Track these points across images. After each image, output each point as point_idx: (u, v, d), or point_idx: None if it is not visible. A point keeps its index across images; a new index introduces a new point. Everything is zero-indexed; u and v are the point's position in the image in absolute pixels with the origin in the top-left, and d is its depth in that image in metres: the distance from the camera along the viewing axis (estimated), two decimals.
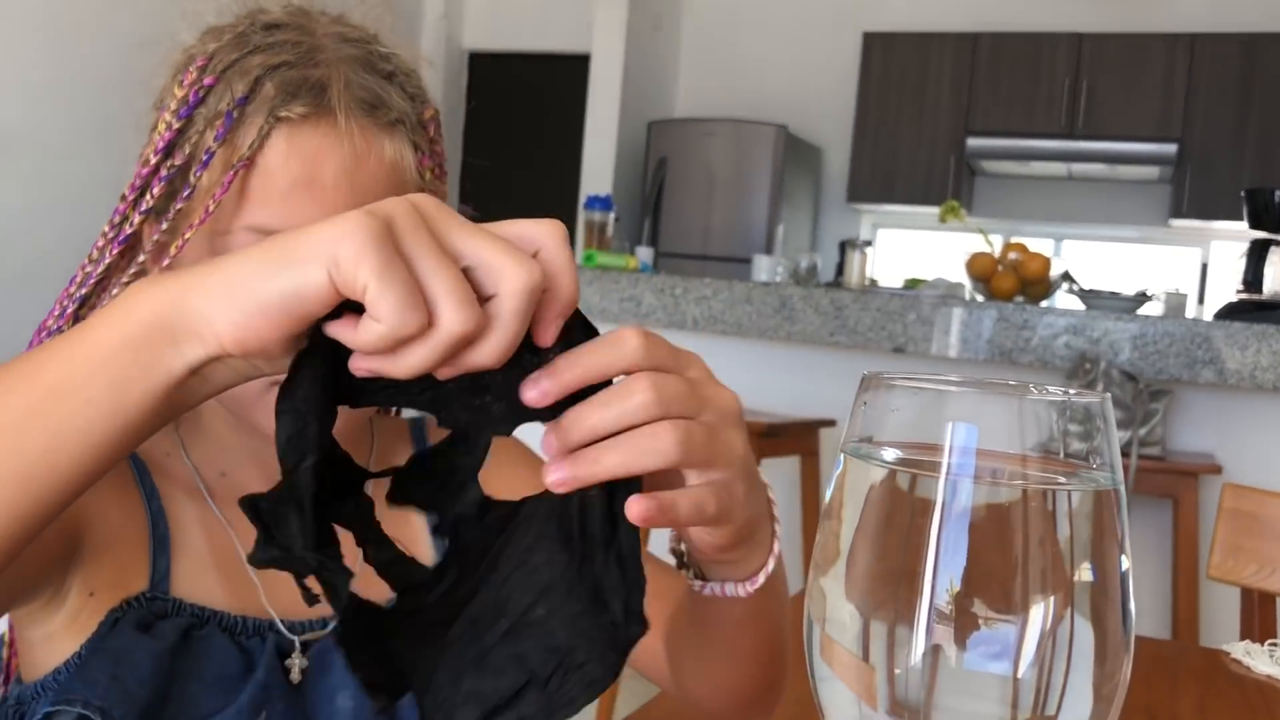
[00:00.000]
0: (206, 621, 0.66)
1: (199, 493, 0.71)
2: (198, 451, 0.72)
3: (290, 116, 0.64)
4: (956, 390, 0.35)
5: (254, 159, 0.64)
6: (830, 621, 0.34)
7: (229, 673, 0.65)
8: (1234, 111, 5.13)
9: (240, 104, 0.65)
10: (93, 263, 0.68)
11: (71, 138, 3.99)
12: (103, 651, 0.62)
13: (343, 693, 0.67)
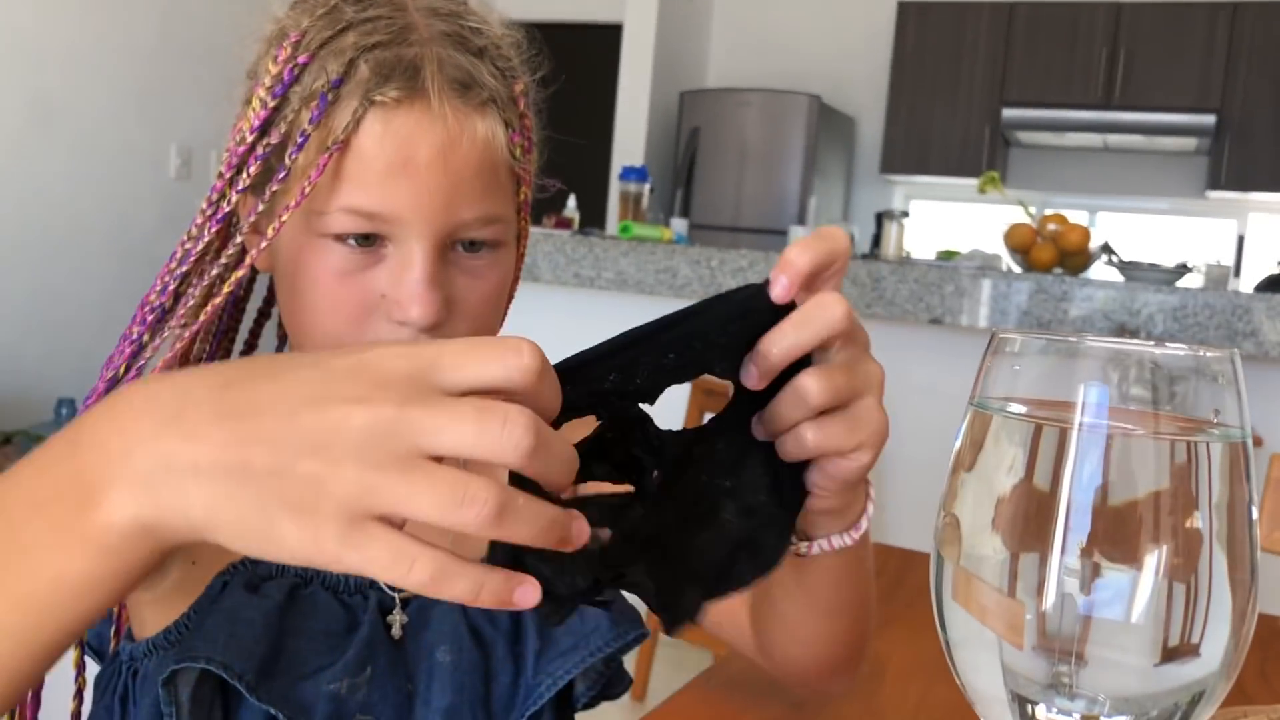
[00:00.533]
0: (310, 580, 0.68)
1: None
2: None
3: (384, 100, 0.64)
4: (1084, 344, 0.36)
5: (348, 141, 0.64)
6: (968, 557, 0.35)
7: (335, 629, 0.66)
8: (1275, 82, 5.06)
9: (335, 86, 0.65)
10: (191, 240, 0.69)
11: (110, 106, 4.02)
12: (217, 612, 0.64)
13: (441, 647, 0.69)
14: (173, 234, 2.83)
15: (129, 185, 4.09)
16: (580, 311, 3.11)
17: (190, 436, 0.36)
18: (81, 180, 3.93)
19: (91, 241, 3.98)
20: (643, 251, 2.93)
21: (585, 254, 2.99)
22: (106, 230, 4.02)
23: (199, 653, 0.62)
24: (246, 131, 0.67)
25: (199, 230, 0.68)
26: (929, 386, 2.94)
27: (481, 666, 0.70)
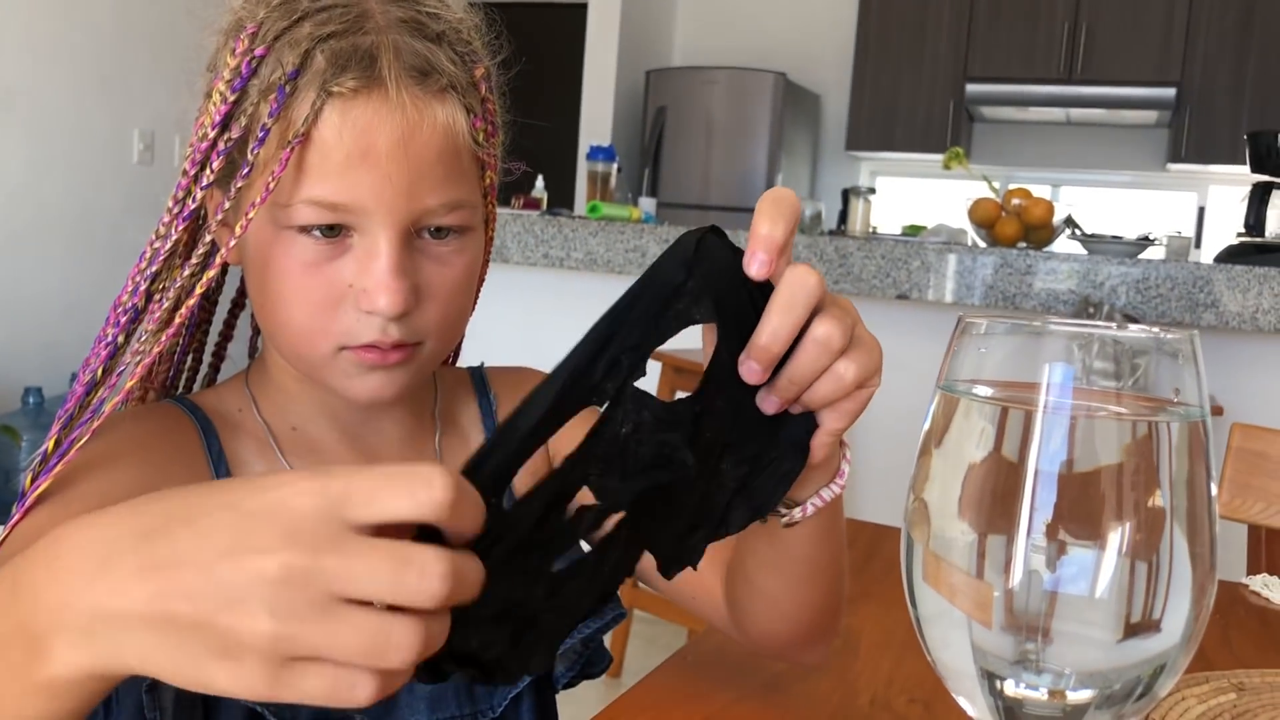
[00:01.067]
0: None
1: (270, 448, 0.72)
2: (269, 406, 0.74)
3: (342, 90, 0.64)
4: (1047, 328, 0.37)
5: (308, 134, 0.64)
6: (937, 540, 0.36)
7: None
8: (1233, 55, 5.11)
9: (292, 77, 0.65)
10: (160, 238, 0.68)
11: (71, 91, 3.96)
12: None
13: None
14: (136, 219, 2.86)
15: (91, 171, 4.04)
16: (550, 291, 3.10)
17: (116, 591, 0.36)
18: (43, 167, 3.88)
19: (54, 228, 3.92)
20: (612, 231, 2.93)
21: (554, 234, 2.98)
22: (69, 217, 3.97)
23: None
24: (208, 127, 0.66)
25: (167, 229, 0.68)
26: (897, 362, 2.96)
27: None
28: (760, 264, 0.49)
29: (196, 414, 0.71)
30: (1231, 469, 1.50)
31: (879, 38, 5.60)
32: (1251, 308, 2.48)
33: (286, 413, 0.74)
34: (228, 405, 0.74)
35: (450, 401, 0.81)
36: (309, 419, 0.74)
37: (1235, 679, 0.77)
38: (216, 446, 0.70)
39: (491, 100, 0.73)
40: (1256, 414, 2.58)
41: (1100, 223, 4.96)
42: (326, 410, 0.74)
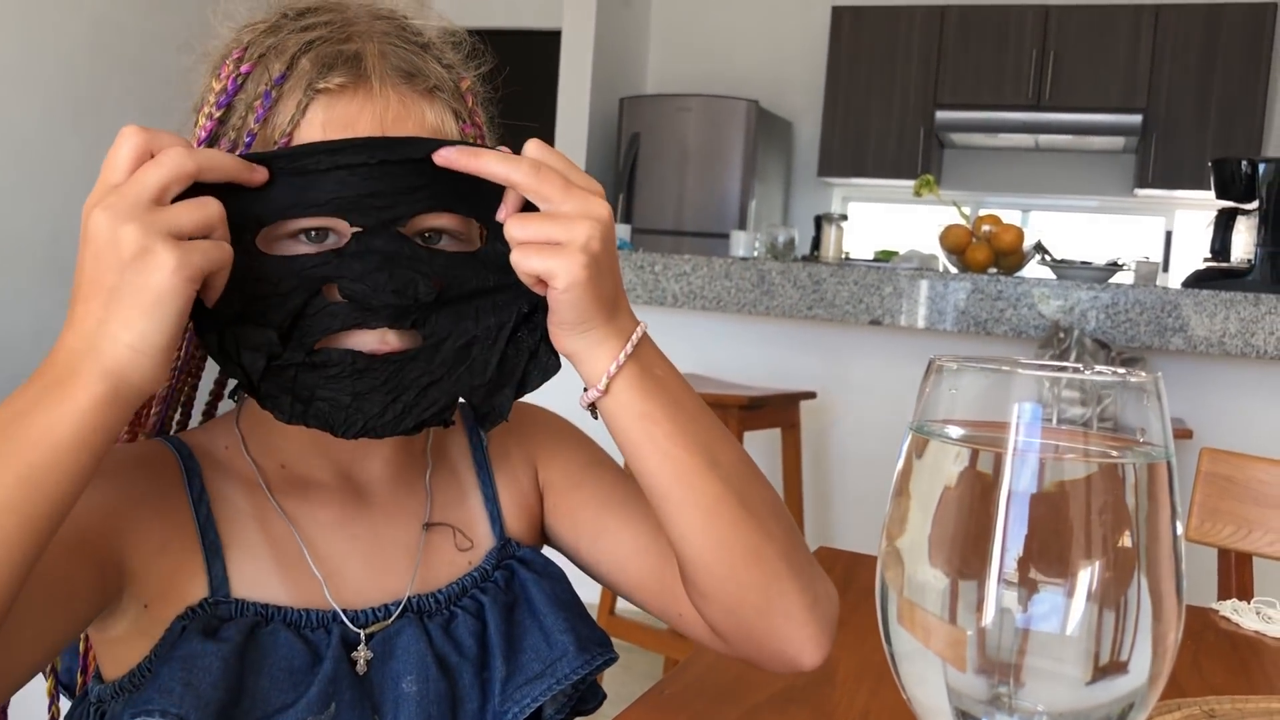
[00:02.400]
0: (271, 619, 0.67)
1: (259, 488, 0.71)
2: (258, 445, 0.73)
3: (328, 88, 0.65)
4: (1016, 372, 0.38)
5: (293, 134, 0.65)
6: (911, 587, 0.37)
7: (297, 666, 0.65)
8: (1197, 82, 5.20)
9: (278, 83, 0.66)
10: None
11: (44, 119, 3.94)
12: (173, 660, 0.63)
13: (407, 678, 0.68)
14: None
15: (64, 199, 4.01)
16: None
17: (80, 324, 0.56)
18: (15, 195, 3.85)
19: (24, 257, 3.90)
20: None
21: None
22: (41, 245, 3.94)
23: (154, 705, 0.61)
24: (201, 115, 0.68)
25: None
26: (869, 386, 2.99)
27: (448, 695, 0.69)
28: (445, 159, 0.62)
29: (182, 452, 0.70)
30: (1201, 493, 1.52)
31: (850, 65, 5.66)
32: (1219, 332, 2.52)
33: (276, 451, 0.73)
34: (215, 444, 0.73)
35: (441, 437, 0.80)
36: (299, 456, 0.73)
37: (1206, 705, 0.78)
38: (199, 486, 0.69)
39: (479, 113, 0.74)
40: (1224, 437, 2.61)
41: (1069, 247, 5.02)
42: (317, 447, 0.72)
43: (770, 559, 0.68)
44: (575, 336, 0.65)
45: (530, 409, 0.85)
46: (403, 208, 0.63)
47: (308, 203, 0.62)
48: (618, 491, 0.79)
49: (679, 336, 3.10)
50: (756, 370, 3.00)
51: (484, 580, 0.75)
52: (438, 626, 0.71)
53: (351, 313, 0.62)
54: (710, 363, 3.05)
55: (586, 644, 0.73)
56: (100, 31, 4.11)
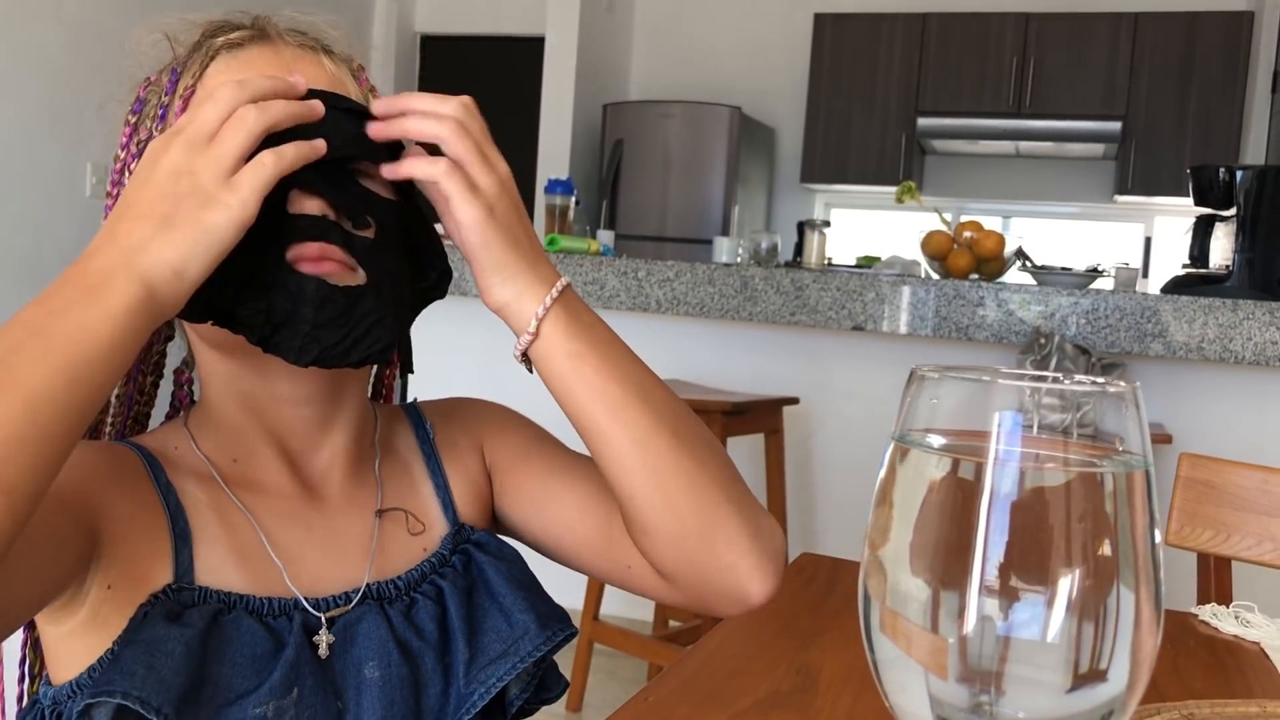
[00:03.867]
0: (234, 606, 0.67)
1: (214, 481, 0.72)
2: (208, 442, 0.74)
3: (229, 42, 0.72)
4: (996, 382, 0.38)
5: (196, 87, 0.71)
6: (893, 596, 0.37)
7: (259, 653, 0.66)
8: (1176, 89, 5.25)
9: (185, 61, 0.73)
10: None
11: (23, 125, 3.92)
12: (136, 644, 0.63)
13: (369, 663, 0.69)
14: None
15: (44, 205, 3.99)
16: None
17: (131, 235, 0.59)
18: None
19: (5, 262, 3.87)
20: (570, 264, 2.94)
21: None
22: (21, 251, 3.92)
23: (115, 687, 0.61)
24: (118, 149, 0.74)
25: None
26: (852, 391, 3.00)
27: (411, 680, 0.70)
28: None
29: (142, 451, 0.72)
30: (1180, 498, 1.53)
31: (832, 73, 5.69)
32: (1197, 337, 2.54)
33: (227, 447, 0.74)
34: (166, 444, 0.74)
35: (389, 432, 0.82)
36: (251, 450, 0.74)
37: (1186, 710, 0.79)
38: (164, 479, 0.70)
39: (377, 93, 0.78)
40: (1203, 441, 2.63)
41: (1050, 253, 5.05)
42: (270, 439, 0.74)
43: (706, 486, 0.71)
44: (502, 285, 0.69)
45: (473, 401, 0.88)
46: (349, 149, 0.68)
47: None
48: (560, 459, 0.82)
49: (662, 342, 3.11)
50: (740, 376, 3.01)
51: (442, 565, 0.76)
52: (398, 612, 0.72)
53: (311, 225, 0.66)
54: (694, 368, 3.06)
55: (547, 621, 0.74)
56: (79, 37, 4.09)
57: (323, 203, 0.66)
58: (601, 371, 0.70)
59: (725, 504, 0.71)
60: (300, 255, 0.65)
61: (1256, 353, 2.49)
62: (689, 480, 0.70)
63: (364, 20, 5.88)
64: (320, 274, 0.66)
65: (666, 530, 0.71)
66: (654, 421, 0.70)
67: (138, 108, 0.73)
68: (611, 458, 0.70)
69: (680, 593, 0.74)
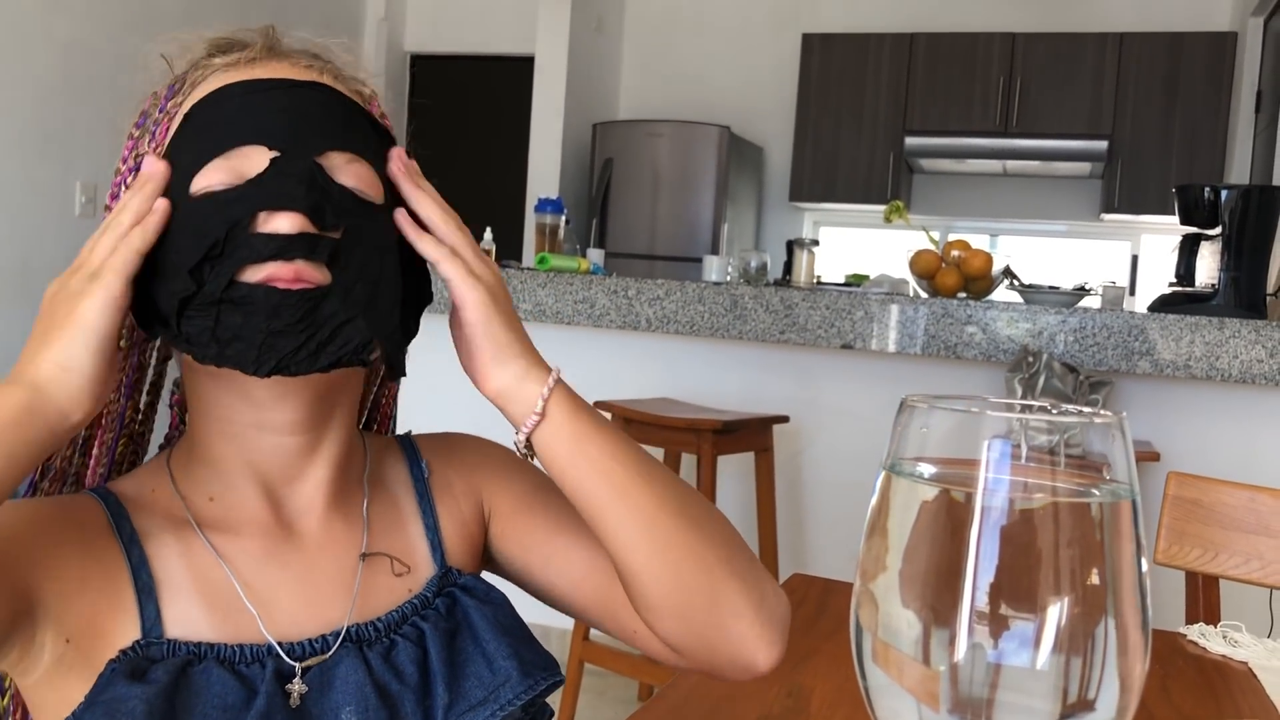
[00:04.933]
0: (204, 656, 0.66)
1: (187, 525, 0.70)
2: (187, 481, 0.72)
3: (227, 61, 0.72)
4: (985, 411, 0.39)
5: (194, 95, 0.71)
6: (885, 628, 0.38)
7: (230, 703, 0.65)
8: (1161, 108, 5.29)
9: (182, 78, 0.73)
10: None
11: (12, 144, 3.91)
12: (97, 705, 0.63)
13: (346, 709, 0.68)
14: None
15: (33, 224, 3.98)
16: None
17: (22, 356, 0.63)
18: None
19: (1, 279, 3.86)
20: (560, 282, 2.95)
21: None
22: (10, 270, 3.91)
23: None
24: (119, 162, 0.74)
25: None
26: (841, 409, 3.01)
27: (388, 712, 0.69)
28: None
29: (108, 500, 0.70)
30: (1168, 516, 1.54)
31: (820, 92, 5.72)
32: (1184, 355, 2.55)
33: (205, 484, 0.73)
34: (143, 488, 0.73)
35: (379, 466, 0.80)
36: (230, 485, 0.72)
37: None
38: (129, 528, 0.69)
39: (389, 120, 0.78)
40: (1191, 458, 2.64)
41: (1038, 271, 5.08)
42: (249, 472, 0.72)
43: (712, 561, 0.71)
44: (500, 369, 0.70)
45: (473, 440, 0.86)
46: (316, 140, 0.68)
47: (230, 137, 0.67)
48: (565, 514, 0.80)
49: (652, 361, 3.11)
50: (729, 394, 3.02)
51: (424, 608, 0.75)
52: (377, 655, 0.71)
53: (268, 243, 0.64)
54: (683, 387, 3.06)
55: (530, 669, 0.73)
56: (70, 56, 4.09)
57: (300, 220, 0.65)
58: (606, 452, 0.71)
59: (730, 578, 0.71)
60: (272, 276, 0.64)
61: (1243, 370, 2.51)
62: (695, 557, 0.70)
63: (354, 38, 5.88)
64: (270, 281, 0.64)
65: (672, 606, 0.71)
66: (659, 500, 0.71)
67: (140, 121, 0.74)
68: (617, 537, 0.71)
69: (687, 660, 0.74)
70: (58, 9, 4.04)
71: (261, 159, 0.66)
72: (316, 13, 5.45)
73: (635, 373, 3.11)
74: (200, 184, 0.66)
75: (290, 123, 0.67)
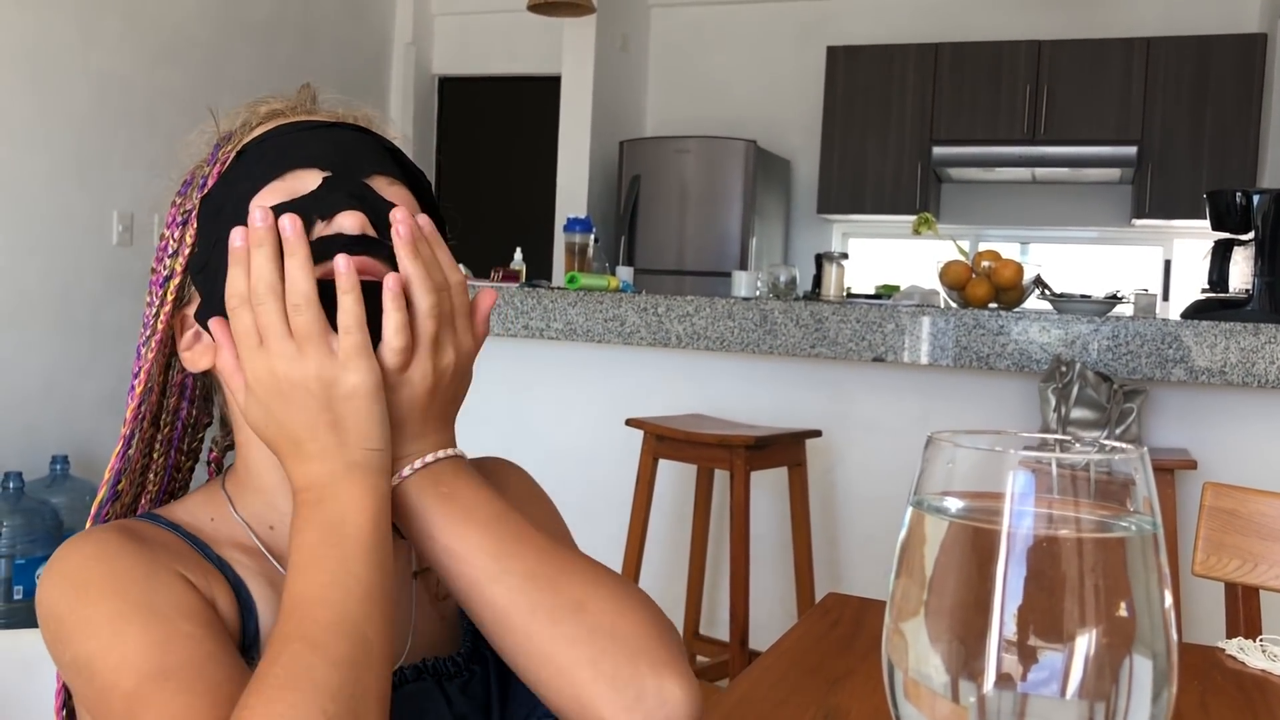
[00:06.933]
0: None
1: (255, 548, 0.72)
2: (245, 510, 0.74)
3: (275, 111, 0.76)
4: (1010, 449, 0.40)
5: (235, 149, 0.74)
6: (915, 665, 0.39)
7: None
8: (1190, 112, 5.25)
9: (227, 135, 0.76)
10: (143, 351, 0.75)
11: (50, 176, 3.99)
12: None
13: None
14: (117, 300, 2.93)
15: (71, 254, 4.05)
16: (531, 362, 3.13)
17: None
18: (23, 250, 3.89)
19: (34, 311, 3.93)
20: (590, 301, 2.97)
21: (534, 305, 3.02)
22: (49, 299, 3.98)
23: None
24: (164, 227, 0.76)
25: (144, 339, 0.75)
26: (873, 423, 3.01)
27: None
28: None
29: (177, 529, 0.71)
30: (1206, 528, 1.53)
31: (846, 104, 5.72)
32: (1219, 362, 2.53)
33: (262, 514, 0.74)
34: (198, 516, 0.74)
35: None
36: (286, 514, 0.72)
37: None
38: (214, 554, 0.71)
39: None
40: (1228, 466, 2.62)
41: (1069, 278, 5.04)
42: None
43: (567, 666, 0.65)
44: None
45: (504, 464, 0.87)
46: (364, 164, 0.72)
47: (284, 163, 0.71)
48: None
49: (683, 377, 3.12)
50: (761, 410, 3.02)
51: (477, 637, 0.76)
52: (457, 688, 0.73)
53: (332, 243, 0.68)
54: (715, 403, 3.07)
55: None
56: (106, 88, 4.17)
57: (362, 219, 0.68)
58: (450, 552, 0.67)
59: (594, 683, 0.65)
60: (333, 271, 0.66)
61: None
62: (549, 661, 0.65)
63: (383, 63, 5.97)
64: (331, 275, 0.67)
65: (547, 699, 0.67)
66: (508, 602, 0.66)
67: (183, 189, 0.75)
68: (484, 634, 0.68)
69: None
70: (93, 42, 4.12)
71: (314, 180, 0.70)
72: (346, 39, 5.52)
73: (666, 390, 3.13)
74: (258, 205, 0.69)
75: (338, 151, 0.72)
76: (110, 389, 4.11)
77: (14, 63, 3.84)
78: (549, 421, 3.14)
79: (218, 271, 0.69)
